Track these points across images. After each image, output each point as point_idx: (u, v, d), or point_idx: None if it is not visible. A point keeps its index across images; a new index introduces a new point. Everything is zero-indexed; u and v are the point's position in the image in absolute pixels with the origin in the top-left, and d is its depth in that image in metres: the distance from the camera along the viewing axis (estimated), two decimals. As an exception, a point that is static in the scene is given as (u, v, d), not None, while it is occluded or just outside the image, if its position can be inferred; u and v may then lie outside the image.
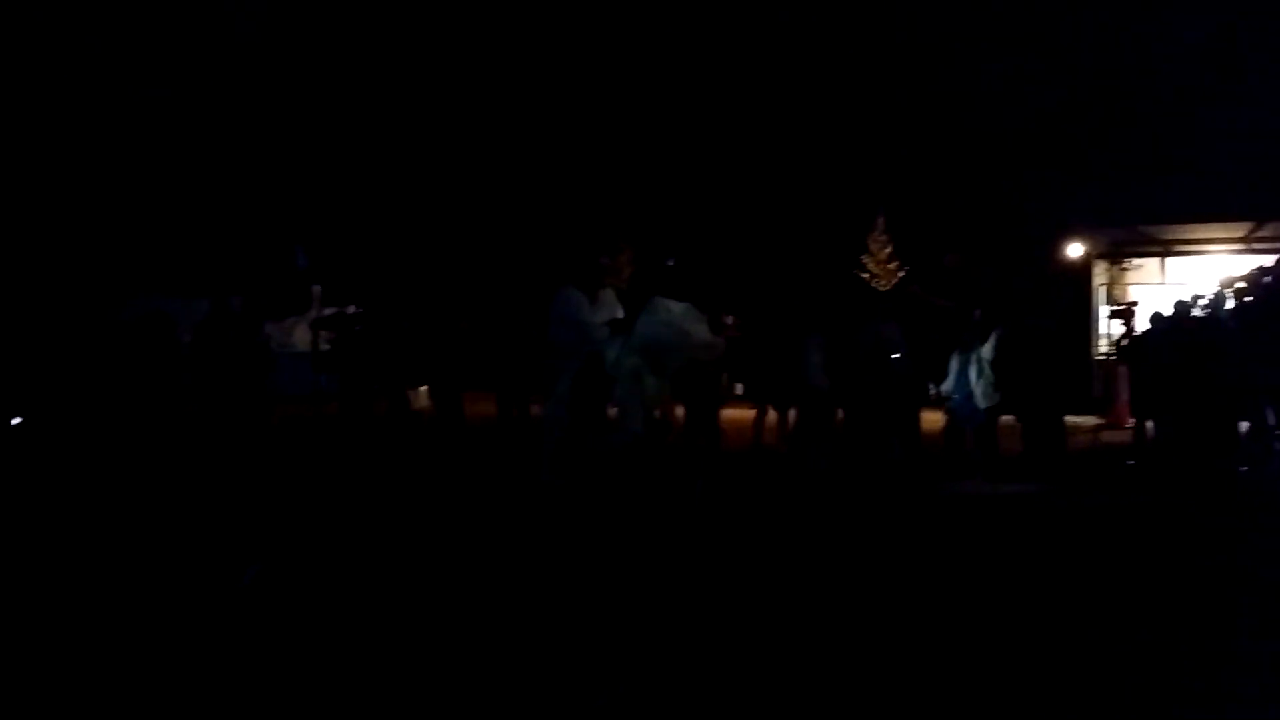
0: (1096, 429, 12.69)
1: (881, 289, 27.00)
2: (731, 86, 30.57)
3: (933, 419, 10.48)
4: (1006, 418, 10.11)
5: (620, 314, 5.42)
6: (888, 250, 28.15)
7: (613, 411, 5.42)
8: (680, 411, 11.55)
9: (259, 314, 12.20)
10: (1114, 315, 12.75)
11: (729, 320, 12.57)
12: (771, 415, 11.43)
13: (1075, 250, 17.06)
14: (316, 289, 19.31)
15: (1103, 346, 15.70)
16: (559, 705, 3.53)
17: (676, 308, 5.20)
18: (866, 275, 28.00)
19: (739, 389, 12.65)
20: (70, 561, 5.75)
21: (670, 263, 16.17)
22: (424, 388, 12.80)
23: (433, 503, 7.42)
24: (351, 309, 13.98)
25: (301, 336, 16.69)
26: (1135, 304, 12.23)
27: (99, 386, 11.37)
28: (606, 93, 30.26)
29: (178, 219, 26.94)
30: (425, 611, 4.72)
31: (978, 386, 9.47)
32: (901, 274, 26.81)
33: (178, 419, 11.94)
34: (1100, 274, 16.95)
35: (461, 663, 4.03)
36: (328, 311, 15.45)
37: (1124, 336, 11.70)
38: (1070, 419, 10.74)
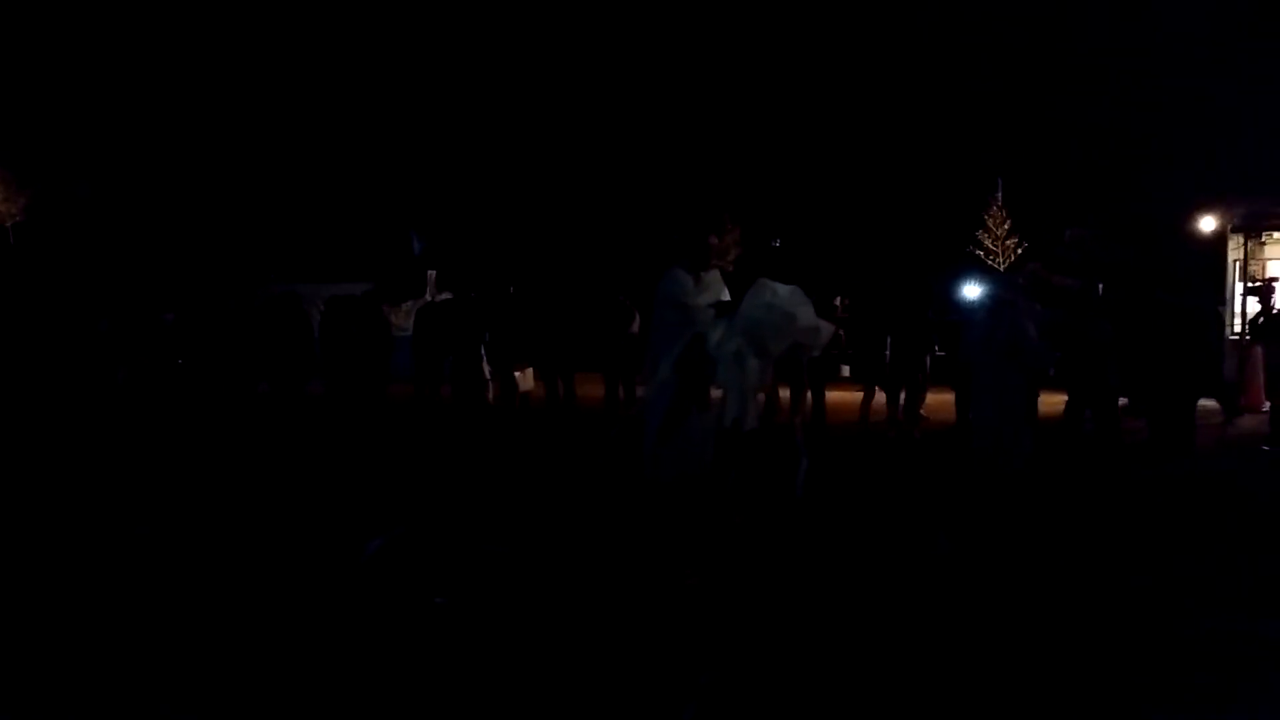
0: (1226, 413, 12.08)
1: (998, 266, 26.17)
2: (838, 58, 30.00)
3: (1052, 401, 10.13)
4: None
5: (726, 296, 5.37)
6: (1006, 226, 27.18)
7: (716, 394, 5.41)
8: (785, 395, 11.48)
9: (379, 299, 12.69)
10: (1250, 293, 12.10)
11: (838, 303, 12.40)
12: (879, 397, 11.26)
13: (1208, 223, 16.18)
14: (431, 274, 19.88)
15: (1237, 326, 14.90)
16: (663, 684, 3.61)
17: (783, 290, 5.11)
18: (982, 253, 27.15)
19: (845, 371, 12.50)
20: (201, 525, 6.13)
21: (777, 243, 16.01)
22: (530, 369, 13.07)
23: (540, 481, 7.61)
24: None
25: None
26: (1275, 280, 11.58)
27: (237, 357, 12.22)
28: (715, 71, 30.11)
29: (306, 211, 28.24)
30: (534, 589, 4.87)
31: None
32: (1020, 251, 25.88)
33: (301, 390, 12.63)
34: (1235, 248, 16.03)
35: (561, 643, 4.15)
36: (443, 296, 15.91)
37: (1260, 315, 11.10)
38: (1201, 403, 10.26)
